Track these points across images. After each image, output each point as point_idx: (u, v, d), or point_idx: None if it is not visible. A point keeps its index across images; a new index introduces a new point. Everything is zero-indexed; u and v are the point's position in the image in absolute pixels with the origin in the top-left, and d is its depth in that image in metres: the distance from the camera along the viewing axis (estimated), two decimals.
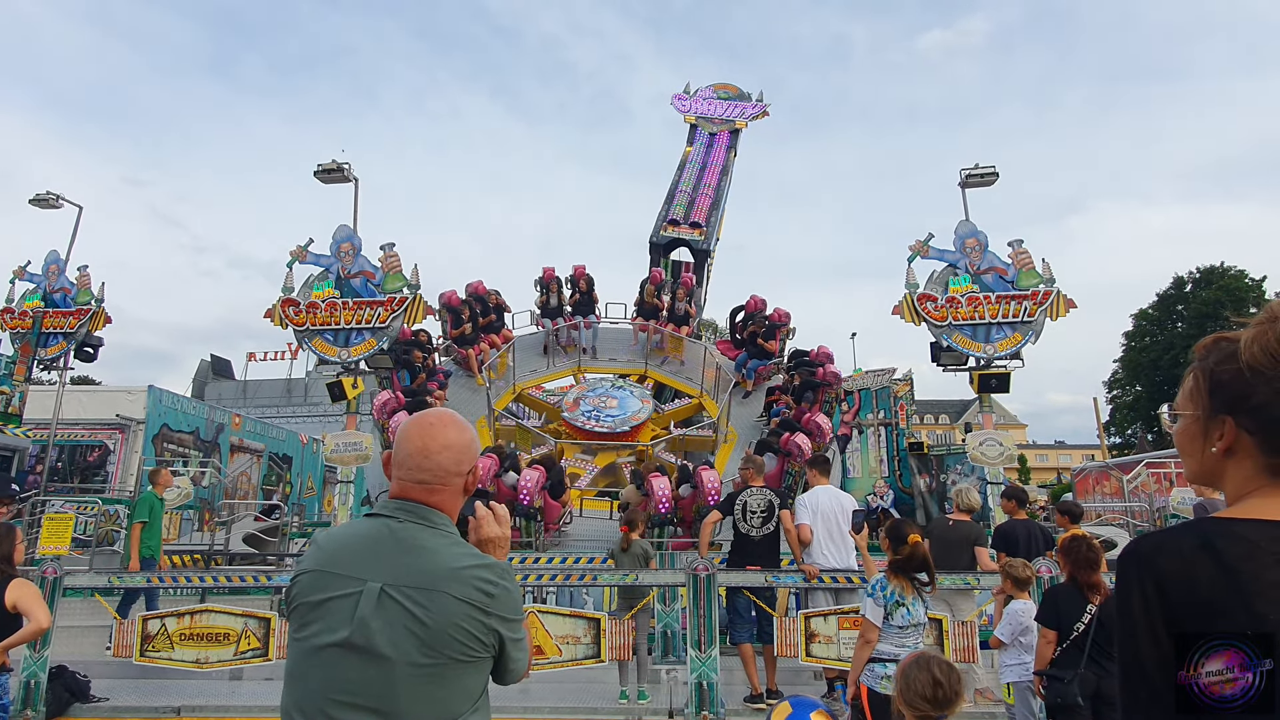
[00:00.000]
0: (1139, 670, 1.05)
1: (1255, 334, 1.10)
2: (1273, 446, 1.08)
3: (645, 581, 6.41)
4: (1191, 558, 1.03)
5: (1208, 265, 44.00)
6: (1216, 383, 1.13)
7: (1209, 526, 1.06)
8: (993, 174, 11.38)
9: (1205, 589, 1.00)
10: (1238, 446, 1.10)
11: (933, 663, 2.68)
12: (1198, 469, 1.18)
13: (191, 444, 17.25)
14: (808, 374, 13.03)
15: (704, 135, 19.57)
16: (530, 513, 10.20)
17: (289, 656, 1.63)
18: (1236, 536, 1.03)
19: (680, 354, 15.63)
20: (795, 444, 10.81)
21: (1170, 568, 1.03)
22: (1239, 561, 1.00)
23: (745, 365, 14.81)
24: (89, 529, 11.58)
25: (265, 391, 36.85)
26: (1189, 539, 1.05)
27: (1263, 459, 1.09)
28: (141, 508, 8.38)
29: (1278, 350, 1.06)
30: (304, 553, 1.78)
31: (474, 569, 1.59)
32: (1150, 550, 1.07)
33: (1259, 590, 0.98)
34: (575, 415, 13.47)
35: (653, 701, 6.31)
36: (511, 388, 14.55)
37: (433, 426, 1.70)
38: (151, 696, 6.50)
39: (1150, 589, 1.04)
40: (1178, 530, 1.08)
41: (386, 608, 1.53)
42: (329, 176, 11.40)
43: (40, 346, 11.62)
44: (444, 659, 1.53)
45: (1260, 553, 1.01)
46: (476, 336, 14.39)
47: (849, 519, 6.51)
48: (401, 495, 1.67)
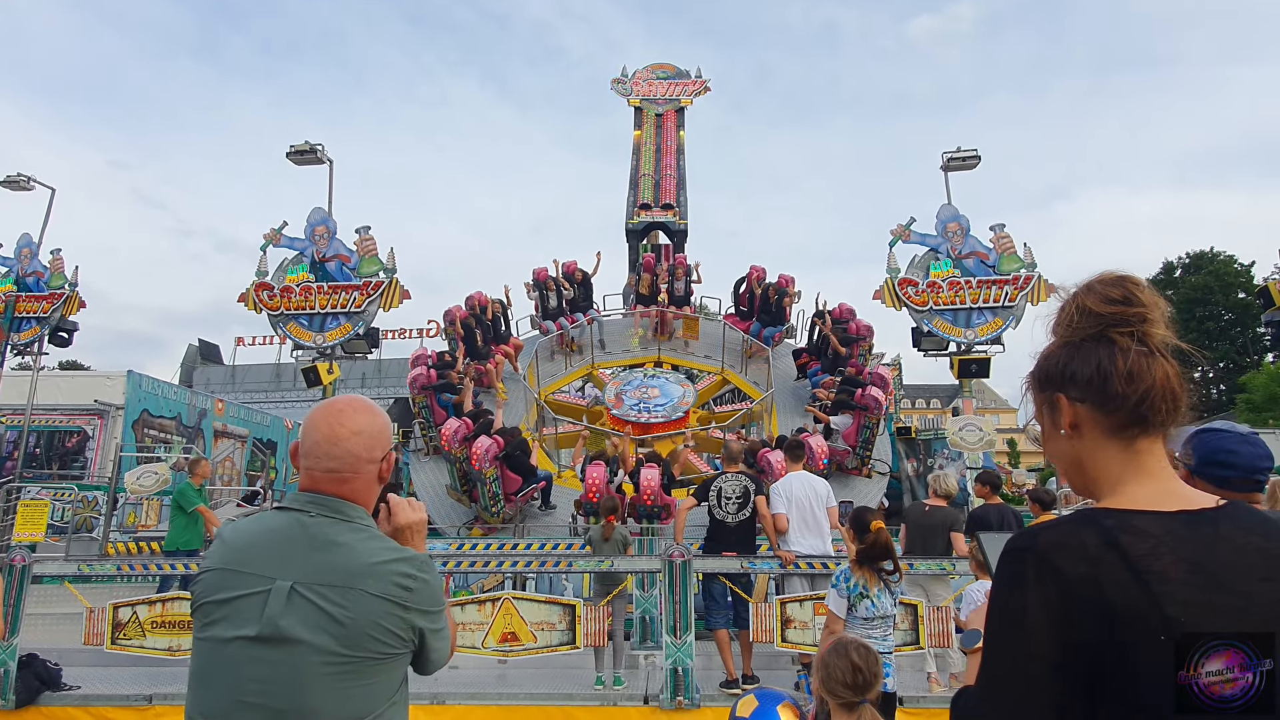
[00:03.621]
0: (1022, 672, 1.00)
1: (1057, 318, 1.17)
2: (1104, 405, 1.09)
3: (621, 568, 6.39)
4: (1097, 557, 0.98)
5: (1197, 251, 44.25)
6: (1042, 374, 1.17)
7: (1108, 520, 1.02)
8: (975, 157, 11.32)
9: (1113, 593, 0.96)
10: (1080, 420, 1.12)
11: (850, 648, 2.67)
12: (1067, 467, 1.18)
13: (174, 430, 17.09)
14: (841, 331, 12.97)
15: (651, 117, 19.45)
16: (654, 512, 9.89)
17: (193, 657, 1.55)
18: (1140, 532, 1.00)
19: (694, 334, 15.45)
20: (871, 397, 10.84)
21: (1074, 570, 0.98)
22: (1145, 560, 0.97)
23: (760, 335, 14.64)
24: (66, 515, 11.47)
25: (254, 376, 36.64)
26: (1091, 536, 1.00)
27: (1105, 421, 1.10)
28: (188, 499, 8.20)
29: (1074, 316, 1.13)
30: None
31: (391, 563, 1.52)
32: (1048, 547, 1.01)
33: (1167, 592, 0.95)
34: (624, 411, 13.07)
35: (628, 687, 6.30)
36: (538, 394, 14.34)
37: (342, 412, 1.61)
38: (123, 684, 6.45)
39: (1053, 591, 0.98)
40: (1073, 524, 1.03)
41: (297, 606, 1.46)
42: (302, 158, 11.20)
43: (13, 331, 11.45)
44: (360, 657, 1.47)
45: (1163, 550, 0.98)
46: (488, 350, 14.06)
47: (823, 503, 6.49)
48: (311, 487, 1.59)
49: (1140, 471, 1.09)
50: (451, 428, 10.44)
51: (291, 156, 11.09)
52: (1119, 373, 1.08)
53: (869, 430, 11.13)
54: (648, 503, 9.72)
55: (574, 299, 15.28)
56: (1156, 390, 1.07)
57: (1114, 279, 1.14)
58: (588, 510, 9.75)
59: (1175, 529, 1.00)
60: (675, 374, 14.32)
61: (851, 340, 12.68)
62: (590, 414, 14.12)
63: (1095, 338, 1.11)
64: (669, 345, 15.33)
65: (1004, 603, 1.04)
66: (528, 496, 10.93)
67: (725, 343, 14.47)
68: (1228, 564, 0.98)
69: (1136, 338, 1.09)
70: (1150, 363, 1.08)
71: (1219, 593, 0.96)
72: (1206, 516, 1.02)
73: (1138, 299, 1.11)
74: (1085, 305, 1.13)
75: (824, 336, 13.13)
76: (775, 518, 6.42)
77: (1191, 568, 0.97)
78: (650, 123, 19.28)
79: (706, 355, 15.03)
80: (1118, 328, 1.10)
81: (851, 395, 11.35)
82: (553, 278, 15.29)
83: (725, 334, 14.55)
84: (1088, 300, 1.13)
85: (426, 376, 11.78)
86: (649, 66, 20.41)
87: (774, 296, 14.54)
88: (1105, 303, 1.11)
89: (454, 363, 12.46)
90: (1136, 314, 1.10)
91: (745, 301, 15.20)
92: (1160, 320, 1.11)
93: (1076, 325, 1.13)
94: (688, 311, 15.59)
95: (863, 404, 11.05)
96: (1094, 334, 1.11)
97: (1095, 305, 1.12)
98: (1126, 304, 1.11)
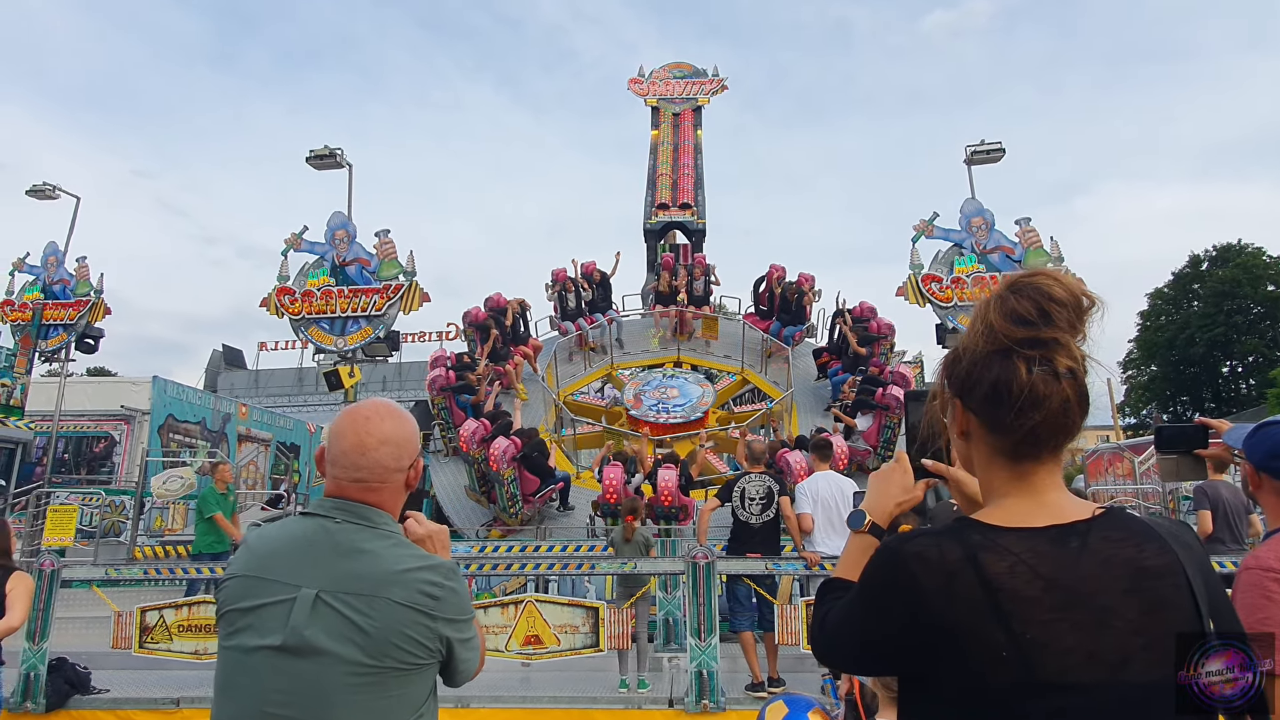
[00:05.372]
0: (856, 632, 1.11)
1: (974, 311, 1.13)
2: (992, 423, 1.08)
3: (644, 570, 6.34)
4: (954, 571, 1.00)
5: (1224, 243, 43.21)
6: (949, 371, 1.15)
7: (975, 537, 1.03)
8: (999, 150, 11.16)
9: (962, 607, 0.98)
10: (971, 429, 1.12)
11: None
12: (961, 463, 1.20)
13: (198, 434, 17.30)
14: (862, 330, 12.86)
15: (668, 116, 19.46)
16: (671, 513, 9.82)
17: (218, 667, 1.52)
18: (1001, 550, 1.01)
19: (713, 334, 15.39)
20: (892, 396, 10.72)
21: (931, 581, 1.01)
22: (1000, 578, 0.99)
23: (780, 334, 14.55)
24: (94, 520, 11.62)
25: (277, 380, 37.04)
26: (953, 549, 1.02)
27: (993, 440, 1.09)
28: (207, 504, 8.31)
29: (980, 331, 1.09)
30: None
31: (418, 571, 1.48)
32: (911, 556, 1.04)
33: (1014, 610, 0.97)
34: (643, 411, 13.09)
35: (653, 690, 6.25)
36: (556, 395, 14.39)
37: (369, 420, 1.56)
38: (151, 688, 6.50)
39: (911, 600, 1.02)
40: (942, 536, 1.05)
41: (322, 615, 1.42)
42: (322, 163, 11.28)
43: (40, 339, 11.62)
44: (386, 667, 1.43)
45: (1020, 568, 0.99)
46: (507, 351, 14.03)
47: (850, 504, 6.38)
48: (337, 494, 1.55)
49: (1022, 485, 1.08)
50: (469, 429, 10.46)
51: (311, 161, 11.18)
52: (1011, 402, 1.04)
53: (890, 430, 11.01)
54: (665, 503, 9.65)
55: (593, 300, 15.27)
56: (1047, 423, 1.04)
57: (1033, 288, 1.06)
58: (605, 511, 9.72)
59: (1039, 545, 1.01)
60: (694, 374, 14.26)
61: (872, 339, 12.56)
62: (609, 414, 14.12)
63: (999, 352, 1.06)
64: (688, 345, 15.27)
65: (873, 583, 1.09)
66: (545, 497, 10.93)
67: (745, 342, 14.38)
68: (1090, 578, 0.98)
69: (1040, 361, 1.04)
70: (1050, 389, 1.03)
71: (1075, 609, 0.96)
72: (1076, 530, 1.02)
73: (1054, 319, 1.04)
74: (991, 324, 1.07)
75: (844, 335, 13.03)
76: (800, 518, 6.34)
77: (1047, 585, 0.97)
78: (668, 122, 19.28)
79: (725, 355, 14.96)
80: (1024, 349, 1.04)
81: (872, 395, 11.25)
82: (571, 278, 15.27)
83: (745, 333, 14.46)
84: (995, 318, 1.07)
85: (445, 378, 11.81)
86: (666, 66, 20.40)
87: (793, 295, 14.44)
88: (1014, 323, 1.05)
89: (473, 365, 12.50)
90: (1049, 338, 1.04)
91: (765, 301, 15.12)
92: (1076, 338, 1.06)
93: (983, 339, 1.08)
94: (707, 311, 15.51)
95: (883, 403, 10.92)
96: (998, 350, 1.06)
97: (1002, 327, 1.06)
98: (1036, 327, 1.04)
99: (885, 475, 1.41)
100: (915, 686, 1.06)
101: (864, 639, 1.11)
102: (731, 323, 15.38)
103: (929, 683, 1.03)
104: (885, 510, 1.36)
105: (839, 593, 1.24)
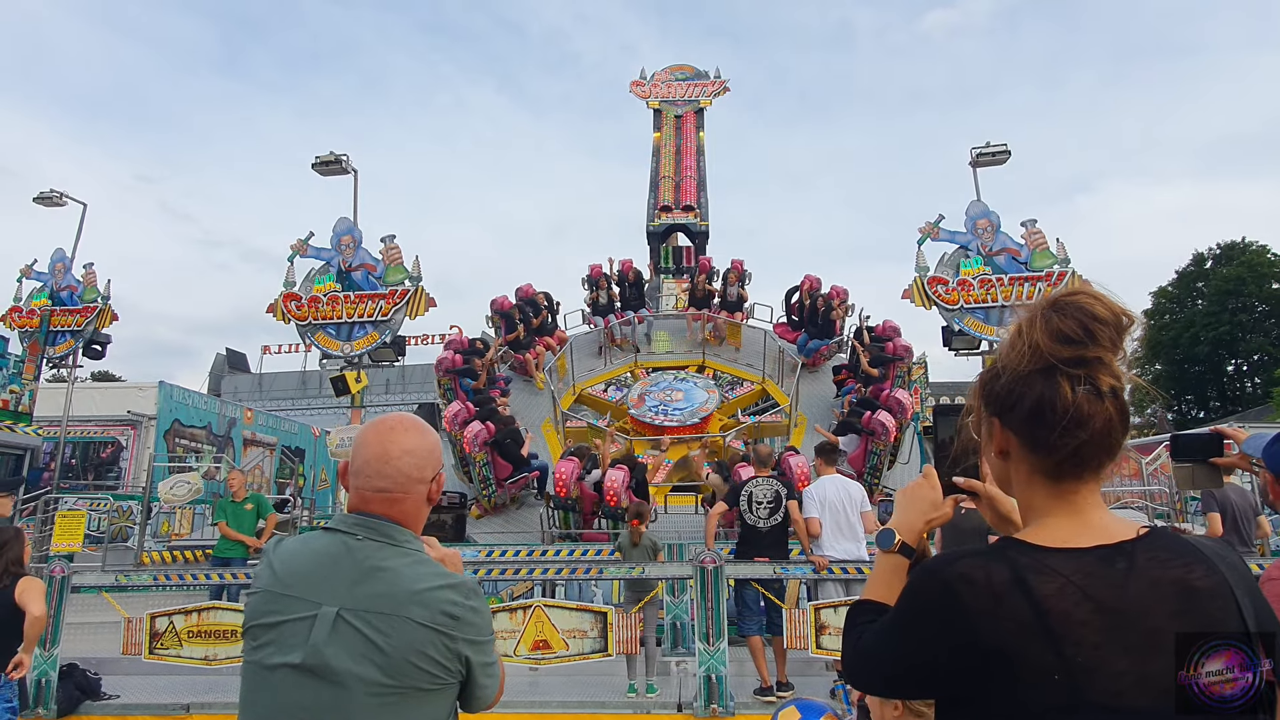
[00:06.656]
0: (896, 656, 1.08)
1: (1009, 339, 1.11)
2: (1034, 442, 1.07)
3: (652, 574, 6.34)
4: (1002, 594, 0.99)
5: (1228, 241, 43.02)
6: (986, 390, 1.14)
7: (1022, 559, 1.02)
8: (1005, 152, 11.15)
9: (1014, 631, 0.97)
10: (1010, 449, 1.11)
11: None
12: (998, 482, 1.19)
13: (204, 439, 17.35)
14: (878, 350, 12.46)
15: (670, 118, 19.47)
16: (619, 513, 9.81)
17: (242, 680, 1.53)
18: (1049, 572, 0.99)
19: (738, 341, 15.28)
20: (879, 422, 10.32)
21: (978, 604, 0.99)
22: (1049, 600, 0.97)
23: (805, 346, 14.27)
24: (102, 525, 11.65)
25: (281, 384, 37.15)
26: (1000, 571, 1.00)
27: (1034, 460, 1.08)
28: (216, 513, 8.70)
29: (1023, 350, 1.07)
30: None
31: (439, 590, 1.48)
32: (956, 578, 1.01)
33: (1065, 633, 0.96)
34: (642, 411, 13.19)
35: (661, 695, 6.25)
36: (571, 388, 14.27)
37: (393, 430, 1.59)
38: (161, 694, 6.51)
39: (958, 623, 1.00)
40: (985, 557, 1.03)
41: (342, 634, 1.43)
42: (327, 169, 11.30)
43: (48, 345, 11.66)
44: (406, 687, 1.43)
45: (1070, 590, 0.98)
46: (531, 340, 14.20)
47: (857, 507, 6.39)
48: (360, 507, 1.56)
49: (1065, 505, 1.07)
50: (453, 410, 10.72)
51: (317, 167, 11.20)
52: (1055, 421, 1.04)
53: (876, 457, 10.52)
54: (611, 504, 9.70)
55: (627, 297, 15.36)
56: (1091, 443, 1.04)
57: (1076, 307, 1.06)
58: (556, 504, 9.82)
59: (1087, 566, 1.00)
60: (706, 380, 14.23)
61: (887, 360, 12.10)
62: (615, 411, 14.20)
63: (1042, 371, 1.06)
64: (714, 350, 15.21)
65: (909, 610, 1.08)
66: (519, 484, 11.07)
67: (767, 352, 14.26)
68: (1138, 599, 0.97)
69: (1084, 380, 1.04)
70: (1094, 408, 1.03)
71: (1126, 631, 0.95)
72: (1123, 550, 1.01)
73: (1098, 337, 1.05)
74: (1036, 343, 1.06)
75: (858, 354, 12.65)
76: (808, 521, 6.34)
77: (1097, 607, 0.96)
78: (670, 124, 19.32)
79: (749, 364, 14.83)
80: (1068, 368, 1.04)
81: (860, 417, 10.67)
82: (605, 275, 15.42)
83: (766, 343, 14.37)
84: (1041, 337, 1.06)
85: (451, 360, 12.17)
86: (668, 68, 20.42)
87: (822, 308, 14.15)
88: (1059, 343, 1.05)
89: (484, 351, 12.85)
90: (1093, 357, 1.04)
91: (796, 311, 14.88)
92: (1117, 357, 1.06)
93: (1026, 358, 1.07)
94: (740, 318, 15.31)
95: (869, 428, 10.41)
96: (1041, 368, 1.06)
97: (1048, 346, 1.05)
98: (1083, 345, 1.04)
99: (912, 492, 1.38)
100: (956, 709, 1.04)
101: (906, 663, 1.08)
102: (754, 331, 15.27)
103: (974, 705, 1.01)
104: (914, 528, 1.32)
105: (872, 615, 1.22)
